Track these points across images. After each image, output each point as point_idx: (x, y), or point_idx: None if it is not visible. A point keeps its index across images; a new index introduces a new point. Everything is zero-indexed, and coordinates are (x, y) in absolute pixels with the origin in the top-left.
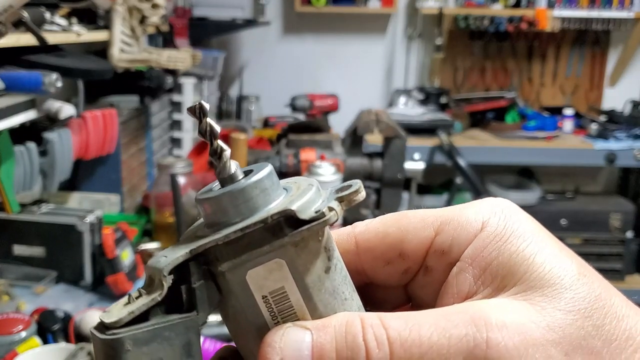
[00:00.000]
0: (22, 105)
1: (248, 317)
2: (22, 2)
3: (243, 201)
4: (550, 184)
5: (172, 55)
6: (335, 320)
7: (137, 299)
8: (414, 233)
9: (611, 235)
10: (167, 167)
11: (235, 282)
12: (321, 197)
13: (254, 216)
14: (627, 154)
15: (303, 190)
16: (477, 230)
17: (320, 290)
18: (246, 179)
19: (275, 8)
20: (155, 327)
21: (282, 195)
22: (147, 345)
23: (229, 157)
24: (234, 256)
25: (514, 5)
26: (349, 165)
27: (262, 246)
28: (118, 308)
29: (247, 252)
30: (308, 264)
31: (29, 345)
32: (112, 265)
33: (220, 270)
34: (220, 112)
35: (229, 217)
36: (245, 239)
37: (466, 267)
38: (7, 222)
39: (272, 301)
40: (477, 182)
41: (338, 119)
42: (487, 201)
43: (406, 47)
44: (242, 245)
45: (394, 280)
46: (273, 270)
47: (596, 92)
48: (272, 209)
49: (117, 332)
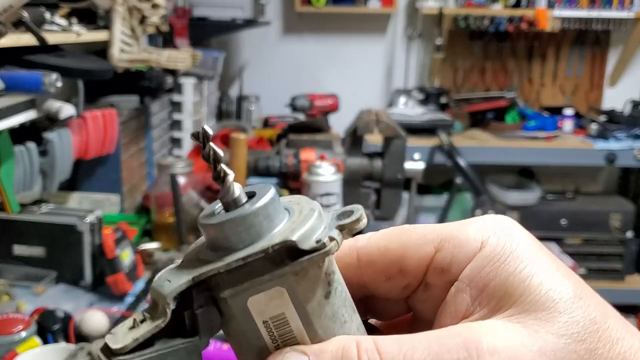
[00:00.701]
0: (22, 105)
1: (249, 340)
2: (22, 2)
3: (246, 228)
4: (550, 184)
5: (172, 55)
6: (332, 345)
7: (142, 323)
8: (414, 249)
9: (611, 235)
10: (167, 167)
11: (237, 307)
12: (323, 222)
13: (255, 245)
14: (627, 154)
15: (305, 216)
16: (476, 249)
17: (320, 316)
18: (250, 205)
19: (275, 8)
20: (159, 352)
21: (285, 219)
22: None
23: (232, 181)
24: (235, 284)
25: (514, 5)
26: (349, 165)
27: (263, 274)
28: (123, 332)
29: (249, 280)
30: (308, 292)
31: (29, 345)
32: (112, 265)
33: (222, 297)
34: (220, 112)
35: (231, 244)
36: (246, 268)
37: (464, 287)
38: (7, 222)
39: (273, 326)
40: (477, 182)
41: (338, 119)
42: (488, 219)
43: (406, 47)
44: (243, 274)
45: (394, 295)
46: (274, 297)
47: (596, 92)
48: (274, 238)
49: (122, 358)
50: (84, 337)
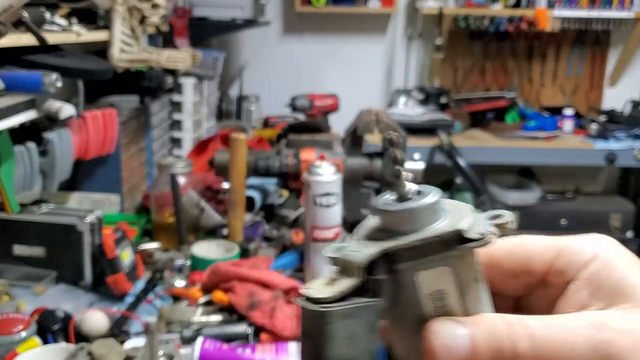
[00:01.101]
0: (22, 105)
1: (414, 308)
2: (22, 2)
3: (424, 216)
4: (550, 184)
5: (172, 55)
6: (485, 317)
7: (337, 282)
8: (538, 255)
9: (611, 235)
10: (167, 167)
11: (409, 279)
12: (478, 220)
13: (430, 229)
14: (627, 154)
15: (464, 212)
16: (589, 257)
17: (472, 295)
18: (425, 199)
19: (275, 8)
20: (356, 305)
21: (445, 215)
22: (346, 320)
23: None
24: (411, 259)
25: (514, 5)
26: (349, 165)
27: (434, 254)
28: (321, 286)
29: (422, 257)
30: (465, 273)
31: (29, 345)
32: (112, 265)
33: (399, 269)
34: (220, 112)
35: (405, 228)
36: (422, 248)
37: (583, 285)
38: (7, 222)
39: (434, 299)
40: (477, 182)
41: (338, 119)
42: (595, 235)
43: (406, 47)
44: (419, 252)
45: (516, 292)
46: (439, 274)
47: (596, 92)
48: (445, 227)
49: (327, 306)
50: (84, 337)
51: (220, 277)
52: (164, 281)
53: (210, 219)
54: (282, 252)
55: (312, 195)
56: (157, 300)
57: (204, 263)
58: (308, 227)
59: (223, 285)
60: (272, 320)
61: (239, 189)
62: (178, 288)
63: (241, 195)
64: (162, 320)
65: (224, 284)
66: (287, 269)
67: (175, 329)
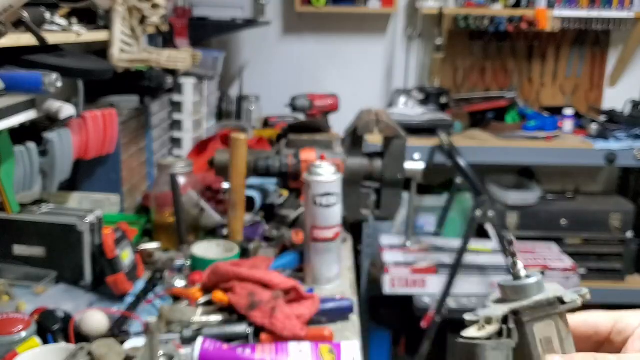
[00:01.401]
0: (22, 105)
1: (531, 349)
2: (22, 2)
3: (534, 288)
4: (550, 184)
5: (172, 55)
6: (578, 354)
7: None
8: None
9: (611, 235)
10: (167, 167)
11: (530, 329)
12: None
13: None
14: (627, 154)
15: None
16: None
17: (567, 342)
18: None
19: (275, 8)
20: (498, 341)
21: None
22: (493, 351)
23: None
24: (531, 314)
25: (514, 5)
26: (349, 165)
27: (544, 312)
28: (475, 330)
29: (538, 313)
30: (563, 326)
31: (29, 345)
32: (112, 265)
33: (523, 320)
34: (220, 112)
35: (521, 295)
36: (537, 307)
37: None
38: (7, 222)
39: (544, 343)
40: (477, 182)
41: (338, 119)
42: None
43: (406, 47)
44: (534, 310)
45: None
46: (547, 325)
47: (596, 92)
48: (550, 293)
49: (484, 342)
50: (84, 337)
51: (220, 277)
52: (164, 281)
53: (210, 219)
54: (282, 252)
55: (312, 195)
56: (157, 300)
57: (204, 263)
58: (308, 227)
59: (223, 285)
60: (272, 320)
61: (239, 189)
62: (178, 288)
63: (241, 195)
64: (162, 320)
65: (223, 284)
66: (287, 269)
67: (175, 329)
